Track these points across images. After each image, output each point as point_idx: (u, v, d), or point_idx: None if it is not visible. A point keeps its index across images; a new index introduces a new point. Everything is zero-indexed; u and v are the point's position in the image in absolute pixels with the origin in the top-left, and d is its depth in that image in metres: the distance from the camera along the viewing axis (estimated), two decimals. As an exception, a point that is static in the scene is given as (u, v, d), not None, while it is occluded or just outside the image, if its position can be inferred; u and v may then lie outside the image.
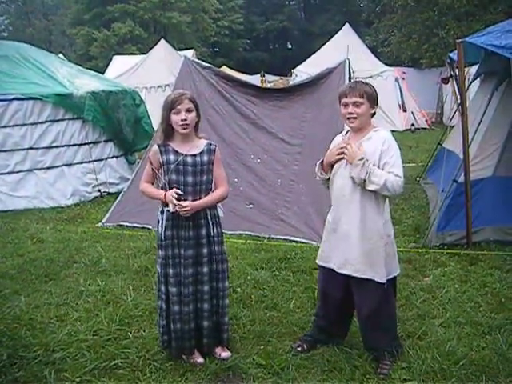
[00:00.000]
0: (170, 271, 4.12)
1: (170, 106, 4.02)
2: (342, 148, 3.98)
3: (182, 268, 4.10)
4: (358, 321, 4.34)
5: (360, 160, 3.86)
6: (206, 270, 4.17)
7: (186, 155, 4.07)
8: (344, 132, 4.28)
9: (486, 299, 5.38)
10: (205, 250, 4.16)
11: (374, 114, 4.11)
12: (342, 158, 4.03)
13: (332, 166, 4.12)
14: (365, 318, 4.20)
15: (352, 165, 3.90)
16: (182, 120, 4.00)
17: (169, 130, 4.09)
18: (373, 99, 4.01)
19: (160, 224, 4.14)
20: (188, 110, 4.02)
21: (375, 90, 4.07)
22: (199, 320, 4.24)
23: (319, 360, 4.25)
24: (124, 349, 4.43)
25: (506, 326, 4.75)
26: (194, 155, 4.09)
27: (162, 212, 4.12)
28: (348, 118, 4.05)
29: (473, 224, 6.71)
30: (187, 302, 4.14)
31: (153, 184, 4.24)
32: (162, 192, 4.05)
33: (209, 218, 4.17)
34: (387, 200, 4.09)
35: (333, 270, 4.18)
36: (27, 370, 4.16)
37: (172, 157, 4.06)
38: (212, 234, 4.19)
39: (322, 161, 4.18)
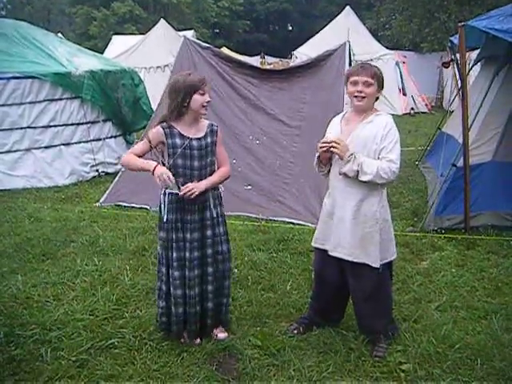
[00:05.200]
0: (174, 255, 4.09)
1: (195, 87, 3.94)
2: (331, 143, 3.93)
3: (188, 252, 4.08)
4: (353, 304, 4.35)
5: (350, 155, 3.84)
6: (210, 251, 4.17)
7: (191, 139, 4.02)
8: (342, 114, 4.25)
9: (482, 284, 5.40)
10: (209, 232, 4.16)
11: (378, 98, 4.07)
12: (327, 151, 3.99)
13: (330, 158, 4.10)
14: (360, 301, 4.20)
15: (343, 160, 3.87)
16: (207, 102, 4.00)
17: (182, 111, 4.00)
18: (381, 82, 3.99)
19: (163, 206, 4.10)
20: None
21: (382, 74, 4.05)
22: (204, 302, 4.24)
23: (315, 342, 4.27)
24: (120, 328, 4.45)
25: (502, 310, 4.78)
26: (199, 138, 4.05)
27: (165, 194, 4.07)
28: (356, 97, 3.98)
29: (471, 209, 6.72)
30: (192, 285, 4.12)
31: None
32: (152, 163, 3.92)
33: (211, 199, 4.14)
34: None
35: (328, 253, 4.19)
36: (24, 348, 4.17)
37: (178, 140, 3.99)
38: (215, 215, 4.17)
39: (319, 155, 4.14)
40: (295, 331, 4.42)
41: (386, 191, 4.12)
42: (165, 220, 4.09)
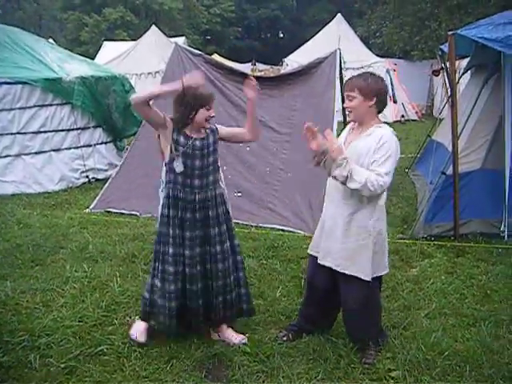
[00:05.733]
0: (170, 250, 4.14)
1: (203, 102, 4.05)
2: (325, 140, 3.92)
3: (188, 249, 4.14)
4: (342, 312, 4.36)
5: (343, 159, 3.82)
6: (216, 249, 4.23)
7: (195, 139, 4.12)
8: (352, 123, 4.24)
9: (471, 291, 5.42)
10: (213, 231, 4.22)
11: (379, 107, 4.03)
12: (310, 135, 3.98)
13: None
14: (350, 311, 4.21)
15: (335, 163, 3.85)
16: (211, 116, 4.13)
17: (187, 122, 4.10)
18: (368, 92, 3.93)
19: (161, 202, 4.20)
20: None
21: (378, 81, 4.01)
22: (211, 297, 4.28)
23: (304, 349, 4.27)
24: (109, 335, 4.44)
25: (491, 317, 4.80)
26: (202, 138, 4.16)
27: (162, 190, 4.19)
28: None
29: (460, 216, 6.75)
30: (194, 281, 4.18)
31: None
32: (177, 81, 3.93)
33: (213, 199, 4.22)
34: (383, 196, 4.05)
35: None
36: (12, 354, 4.15)
37: (182, 139, 4.10)
38: (218, 213, 4.25)
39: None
40: (284, 338, 4.42)
41: (383, 203, 4.11)
42: (162, 214, 4.16)
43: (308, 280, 4.49)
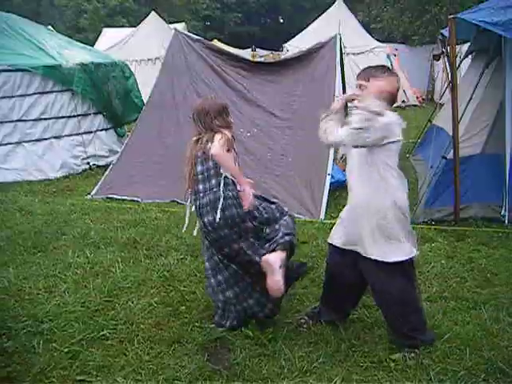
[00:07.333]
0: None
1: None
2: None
3: None
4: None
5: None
6: None
7: None
8: None
9: (471, 275, 5.43)
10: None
11: (393, 101, 3.90)
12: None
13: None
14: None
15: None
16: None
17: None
18: None
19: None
20: None
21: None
22: None
23: (306, 332, 4.29)
24: (112, 320, 4.47)
25: (491, 301, 4.81)
26: None
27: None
28: None
29: (461, 200, 6.76)
30: None
31: None
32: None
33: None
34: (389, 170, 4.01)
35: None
36: (16, 340, 4.18)
37: None
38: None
39: None
40: (305, 326, 4.37)
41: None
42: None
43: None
